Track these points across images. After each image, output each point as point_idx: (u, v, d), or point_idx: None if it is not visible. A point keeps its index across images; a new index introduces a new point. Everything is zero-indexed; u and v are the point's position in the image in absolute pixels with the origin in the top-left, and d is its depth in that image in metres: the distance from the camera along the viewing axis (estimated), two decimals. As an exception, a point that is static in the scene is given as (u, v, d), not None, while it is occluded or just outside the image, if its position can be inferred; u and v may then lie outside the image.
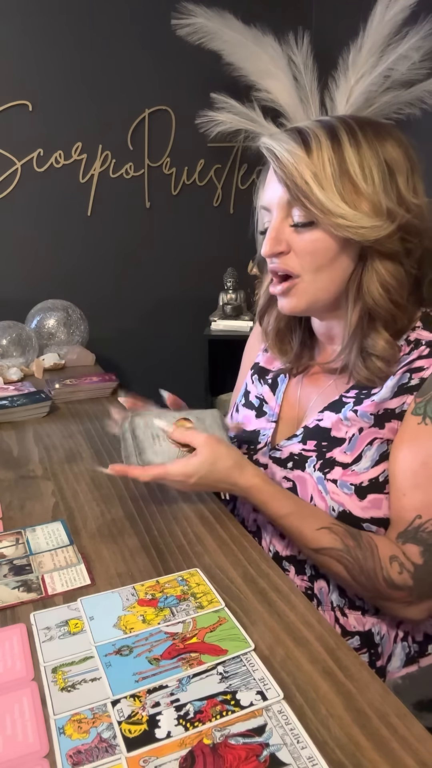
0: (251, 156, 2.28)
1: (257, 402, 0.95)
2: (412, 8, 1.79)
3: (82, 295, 2.19)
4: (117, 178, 2.33)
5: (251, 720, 0.48)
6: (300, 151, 0.71)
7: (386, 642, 0.78)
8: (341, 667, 0.54)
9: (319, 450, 0.80)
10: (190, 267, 2.51)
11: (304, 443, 0.82)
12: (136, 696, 0.51)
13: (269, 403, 0.93)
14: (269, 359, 0.96)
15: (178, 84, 2.27)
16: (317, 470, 0.79)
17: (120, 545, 0.75)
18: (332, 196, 0.70)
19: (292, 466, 0.82)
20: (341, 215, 0.70)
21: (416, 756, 0.45)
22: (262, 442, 0.89)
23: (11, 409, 1.25)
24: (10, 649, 0.57)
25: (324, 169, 0.71)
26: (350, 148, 0.71)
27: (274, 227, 0.76)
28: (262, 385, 0.95)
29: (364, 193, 0.71)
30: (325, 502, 0.77)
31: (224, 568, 0.70)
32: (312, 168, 0.71)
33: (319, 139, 0.72)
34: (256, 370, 0.98)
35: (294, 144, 0.72)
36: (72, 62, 2.19)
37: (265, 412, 0.92)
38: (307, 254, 0.75)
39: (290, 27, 1.97)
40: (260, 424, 0.92)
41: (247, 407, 0.96)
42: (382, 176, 0.71)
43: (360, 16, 1.85)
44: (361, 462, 0.76)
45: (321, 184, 0.70)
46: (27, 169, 2.23)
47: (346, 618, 0.78)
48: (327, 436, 0.80)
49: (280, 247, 0.76)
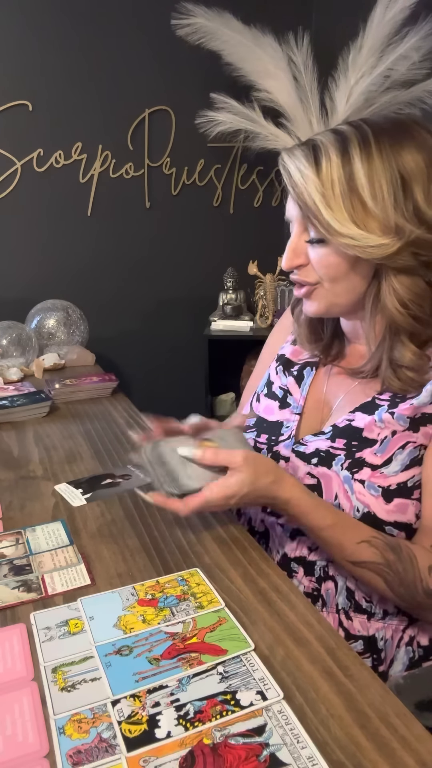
0: (251, 156, 2.28)
1: (281, 393, 0.93)
2: (412, 8, 1.79)
3: (82, 295, 2.20)
4: (117, 178, 2.33)
5: (251, 720, 0.48)
6: (310, 171, 0.72)
7: (389, 647, 0.78)
8: (341, 667, 0.54)
9: (348, 449, 0.79)
10: (190, 267, 2.51)
11: (332, 441, 0.81)
12: (136, 696, 0.51)
13: (294, 395, 0.91)
14: (296, 351, 0.96)
15: (178, 84, 2.27)
16: (345, 469, 0.77)
17: (120, 545, 0.75)
18: (340, 216, 0.71)
19: (317, 462, 0.81)
20: (348, 235, 0.71)
21: (416, 756, 0.45)
22: (285, 434, 0.88)
23: (11, 409, 1.25)
24: (10, 649, 0.57)
25: (333, 188, 0.71)
26: (360, 163, 0.71)
27: (293, 241, 0.79)
28: (286, 376, 0.94)
29: (371, 211, 0.71)
30: (350, 501, 0.76)
31: (224, 568, 0.70)
32: (320, 189, 0.72)
33: (329, 155, 0.72)
34: (282, 362, 0.96)
35: (305, 162, 0.73)
36: (72, 62, 2.19)
37: (289, 404, 0.91)
38: (321, 267, 0.77)
39: (290, 27, 1.97)
40: (283, 415, 0.90)
41: (269, 397, 0.94)
42: (394, 191, 0.70)
43: (360, 16, 1.85)
44: (391, 465, 0.76)
45: (329, 205, 0.71)
46: (27, 169, 2.23)
47: (351, 621, 0.78)
48: (358, 436, 0.79)
49: (298, 260, 0.79)
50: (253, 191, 2.49)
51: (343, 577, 0.78)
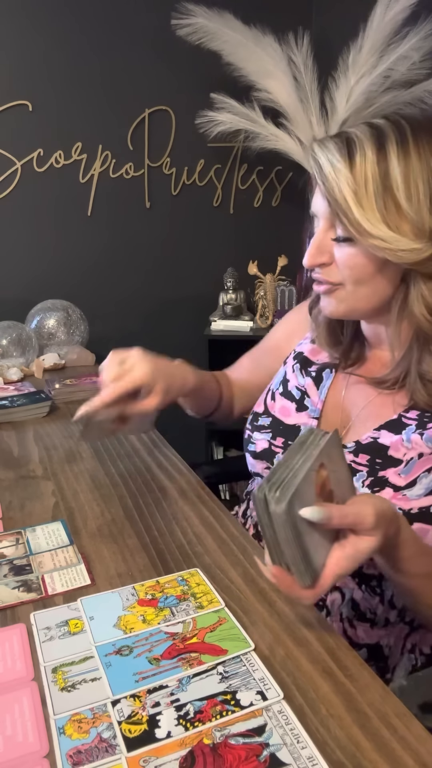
0: (251, 156, 2.28)
1: (298, 394, 0.89)
2: (412, 8, 1.79)
3: (82, 295, 2.19)
4: (117, 178, 2.33)
5: (251, 720, 0.48)
6: (343, 165, 0.68)
7: (394, 654, 0.77)
8: (341, 667, 0.54)
9: (371, 466, 0.75)
10: (190, 267, 2.51)
11: (355, 455, 0.77)
12: (136, 696, 0.51)
13: (311, 397, 0.88)
14: (314, 350, 0.92)
15: (178, 84, 2.27)
16: (365, 486, 0.74)
17: (120, 545, 0.75)
18: (371, 216, 0.67)
19: None
20: (379, 237, 0.67)
21: (416, 756, 0.45)
22: None
23: (11, 409, 1.25)
24: (10, 649, 0.57)
25: (366, 185, 0.67)
26: (397, 160, 0.67)
27: (318, 238, 0.75)
28: (304, 376, 0.90)
29: (405, 213, 0.67)
30: None
31: (224, 568, 0.70)
32: (353, 185, 0.68)
33: (364, 150, 0.68)
34: (299, 360, 0.93)
35: (338, 156, 0.69)
36: (72, 62, 2.19)
37: (306, 407, 0.87)
38: (346, 267, 0.73)
39: (290, 27, 1.97)
40: (300, 418, 0.87)
41: (285, 397, 0.90)
42: (431, 193, 0.67)
43: (360, 17, 1.85)
44: (415, 488, 0.72)
45: (361, 203, 0.68)
46: (27, 169, 2.23)
47: (355, 630, 0.77)
48: (383, 454, 0.75)
49: (322, 258, 0.75)
50: (253, 191, 2.49)
51: (350, 589, 0.77)
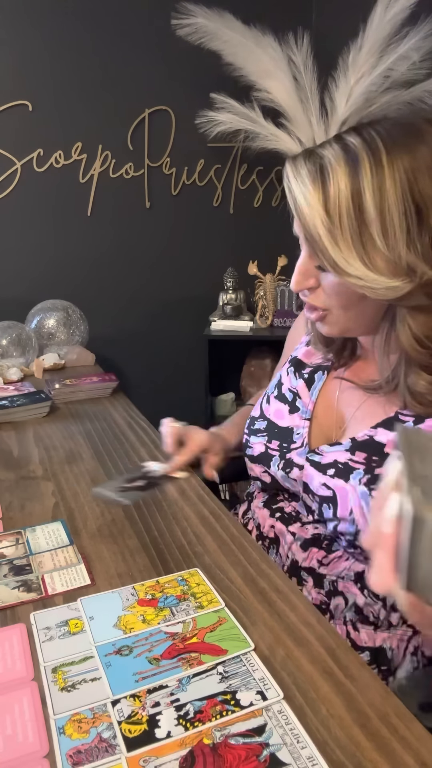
0: (251, 156, 2.28)
1: (290, 396, 0.90)
2: (412, 8, 1.79)
3: (82, 295, 2.20)
4: (117, 178, 2.33)
5: (251, 720, 0.48)
6: (316, 200, 0.66)
7: (396, 656, 0.77)
8: (341, 667, 0.54)
9: (368, 464, 0.75)
10: (190, 267, 2.51)
11: (352, 453, 0.77)
12: (136, 696, 0.51)
13: (303, 398, 0.88)
14: (308, 353, 0.92)
15: (178, 84, 2.27)
16: (363, 484, 0.73)
17: (120, 545, 0.75)
18: (347, 254, 0.65)
19: (333, 474, 0.77)
20: (356, 275, 0.65)
21: (416, 756, 0.45)
22: (297, 442, 0.84)
23: (11, 409, 1.25)
24: (10, 649, 0.57)
25: (340, 221, 0.65)
26: (371, 192, 0.63)
27: (302, 263, 0.73)
28: (297, 378, 0.91)
29: (380, 250, 0.64)
30: (365, 518, 0.72)
31: (224, 568, 0.70)
32: (327, 224, 0.65)
33: (338, 180, 0.65)
34: (293, 363, 0.93)
35: (311, 189, 0.66)
36: (72, 62, 2.19)
37: (298, 408, 0.88)
38: (332, 294, 0.73)
39: (290, 27, 1.96)
40: (293, 420, 0.87)
41: (279, 399, 0.91)
42: (407, 225, 0.63)
43: (360, 16, 1.85)
44: None
45: (336, 242, 0.65)
46: (27, 169, 2.23)
47: (358, 633, 0.76)
48: (380, 452, 0.75)
49: (308, 283, 0.74)
50: (253, 191, 2.49)
51: (353, 594, 0.76)
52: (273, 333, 2.31)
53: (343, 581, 0.77)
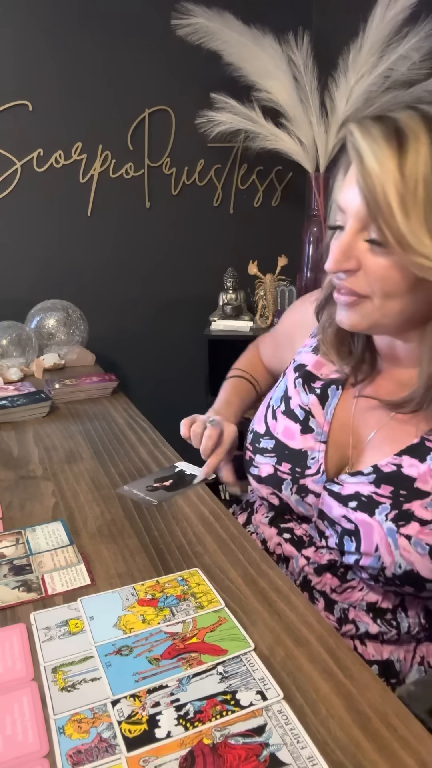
0: (251, 156, 2.28)
1: (302, 414, 0.80)
2: (412, 8, 1.79)
3: (82, 295, 2.20)
4: (117, 178, 2.33)
5: (251, 720, 0.48)
6: (391, 161, 0.58)
7: (404, 668, 0.76)
8: (341, 667, 0.54)
9: (395, 498, 0.69)
10: (190, 267, 2.51)
11: (377, 486, 0.70)
12: (136, 696, 0.51)
13: (317, 418, 0.79)
14: (318, 363, 0.82)
15: (178, 84, 2.27)
16: (389, 520, 0.68)
17: (120, 545, 0.75)
18: (417, 228, 0.57)
19: (356, 507, 0.71)
20: (424, 254, 0.58)
21: (416, 756, 0.45)
22: (312, 467, 0.77)
23: (11, 409, 1.25)
24: (10, 649, 0.57)
25: (416, 191, 0.57)
26: None
27: (346, 242, 0.64)
28: (307, 393, 0.81)
29: None
30: (392, 556, 0.68)
31: (224, 568, 0.70)
32: (401, 188, 0.57)
33: (418, 145, 0.57)
34: (302, 374, 0.83)
35: (385, 148, 0.58)
36: (72, 62, 2.18)
37: (311, 429, 0.79)
38: (377, 279, 0.63)
39: (290, 27, 1.97)
40: (307, 442, 0.78)
41: (288, 416, 0.81)
42: None
43: (360, 16, 1.85)
44: None
45: (407, 212, 0.57)
46: (27, 169, 2.22)
47: (365, 647, 0.75)
48: (409, 486, 0.69)
49: (348, 264, 0.64)
50: (253, 191, 2.49)
51: (365, 623, 0.74)
52: (273, 333, 2.31)
53: (355, 610, 0.75)
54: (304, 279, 2.27)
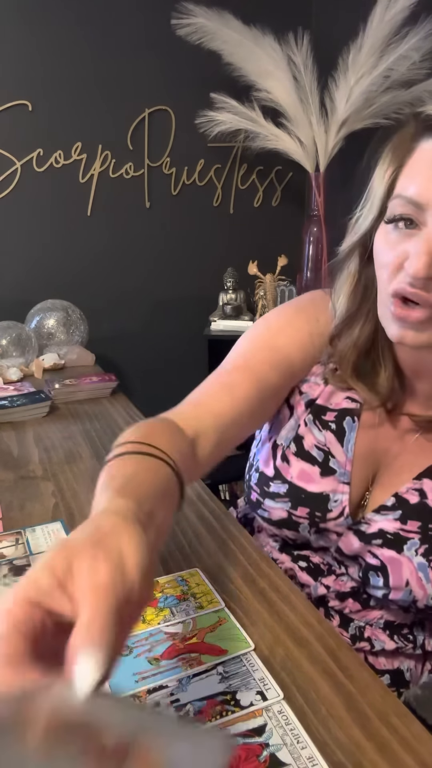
0: (251, 156, 2.28)
1: (320, 455, 0.72)
2: (412, 8, 1.79)
3: (82, 295, 2.20)
4: (117, 178, 2.33)
5: (251, 720, 0.48)
6: None
7: (415, 676, 0.76)
8: (341, 667, 0.54)
9: (424, 533, 0.66)
10: (190, 267, 2.51)
11: (403, 522, 0.67)
12: (136, 696, 0.51)
13: (336, 456, 0.71)
14: (327, 395, 0.73)
15: (178, 84, 2.27)
16: (420, 555, 0.66)
17: (120, 545, 0.75)
18: None
19: (382, 544, 0.68)
20: None
21: (416, 756, 0.45)
22: (334, 510, 0.70)
23: (11, 409, 1.25)
24: (10, 649, 0.57)
25: None
26: None
27: None
28: (321, 429, 0.72)
29: None
30: (424, 590, 0.66)
31: (224, 568, 0.70)
32: None
33: None
34: (312, 410, 0.73)
35: None
36: (72, 62, 2.18)
37: (333, 470, 0.71)
38: None
39: (290, 27, 1.97)
40: (329, 485, 0.71)
41: (303, 459, 0.72)
42: None
43: (360, 17, 1.85)
44: None
45: None
46: (27, 169, 2.22)
47: (376, 657, 0.75)
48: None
49: None
50: (253, 191, 2.49)
51: (382, 641, 0.74)
52: (273, 333, 2.31)
53: (372, 628, 0.74)
54: (304, 279, 2.27)
